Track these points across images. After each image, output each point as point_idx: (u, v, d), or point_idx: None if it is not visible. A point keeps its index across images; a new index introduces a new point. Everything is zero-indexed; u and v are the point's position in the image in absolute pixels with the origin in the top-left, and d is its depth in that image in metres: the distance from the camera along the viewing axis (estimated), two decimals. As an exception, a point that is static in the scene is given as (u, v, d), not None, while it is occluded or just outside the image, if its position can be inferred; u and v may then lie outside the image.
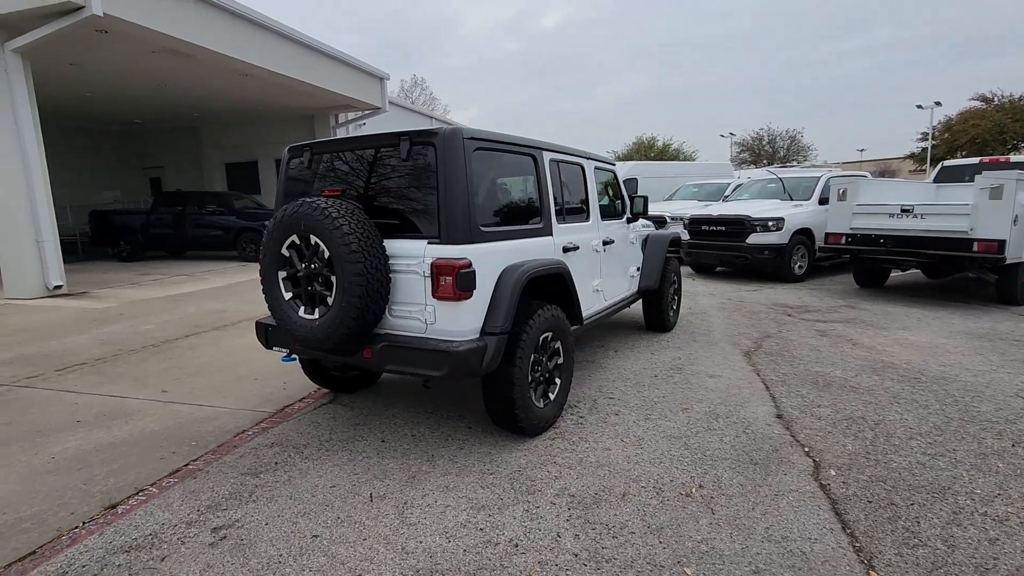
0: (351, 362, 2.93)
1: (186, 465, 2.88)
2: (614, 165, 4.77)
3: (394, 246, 2.75)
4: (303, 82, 12.59)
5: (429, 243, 2.69)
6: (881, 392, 3.74)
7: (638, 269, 5.04)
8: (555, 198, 3.49)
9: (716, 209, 9.23)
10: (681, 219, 9.90)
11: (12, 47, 8.02)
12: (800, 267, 8.62)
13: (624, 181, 12.71)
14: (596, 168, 4.27)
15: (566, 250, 3.54)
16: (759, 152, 45.21)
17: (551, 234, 3.39)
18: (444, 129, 2.71)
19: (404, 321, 2.79)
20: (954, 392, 3.70)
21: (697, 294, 7.73)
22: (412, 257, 2.70)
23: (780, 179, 9.60)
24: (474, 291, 2.66)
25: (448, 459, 2.88)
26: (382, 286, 2.68)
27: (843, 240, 7.11)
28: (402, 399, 3.76)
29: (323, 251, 2.66)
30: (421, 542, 2.19)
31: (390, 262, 2.74)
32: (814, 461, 2.80)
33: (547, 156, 3.47)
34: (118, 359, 4.81)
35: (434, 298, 2.67)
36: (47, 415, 3.60)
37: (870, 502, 2.40)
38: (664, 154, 42.04)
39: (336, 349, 2.77)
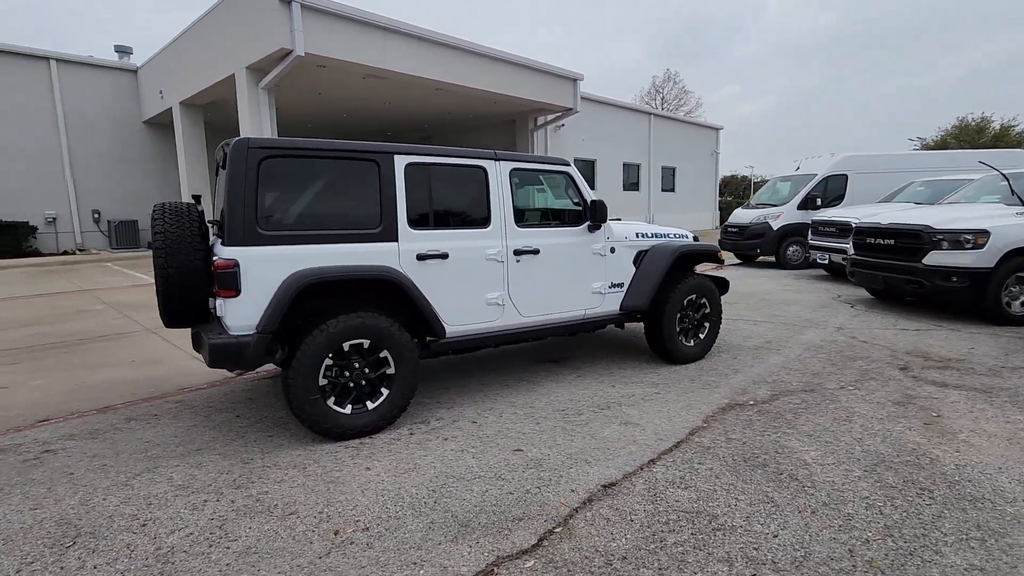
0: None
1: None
2: (566, 165, 4.18)
3: (219, 245, 3.12)
4: (488, 91, 13.74)
5: (221, 243, 2.99)
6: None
7: (618, 285, 4.32)
8: (408, 204, 3.36)
9: (888, 216, 6.90)
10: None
11: (262, 85, 10.90)
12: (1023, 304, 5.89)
13: (827, 179, 10.49)
14: (516, 171, 3.85)
15: (422, 258, 3.37)
16: None
17: (395, 240, 3.29)
18: (236, 139, 2.95)
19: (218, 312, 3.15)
20: None
21: (812, 324, 6.02)
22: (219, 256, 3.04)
23: (1005, 176, 6.59)
24: (240, 290, 2.86)
25: (240, 454, 3.16)
26: (188, 278, 3.08)
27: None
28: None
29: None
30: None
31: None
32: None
33: (401, 161, 3.35)
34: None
35: (215, 293, 2.96)
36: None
37: None
38: (1002, 139, 31.92)
39: (169, 324, 3.29)
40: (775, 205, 11.52)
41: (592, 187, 20.15)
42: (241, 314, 2.88)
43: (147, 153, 16.20)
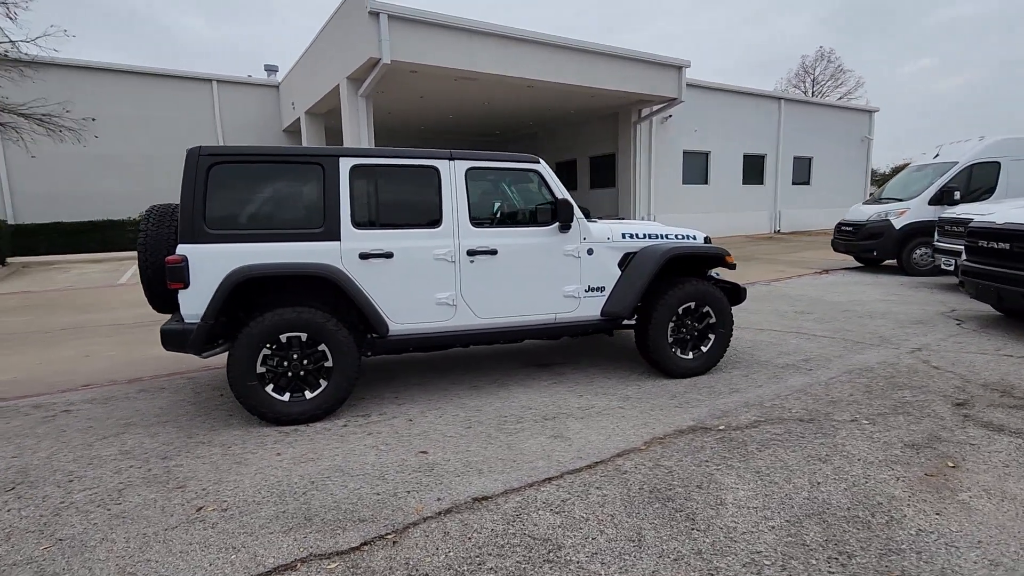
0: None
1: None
2: (534, 163, 3.95)
3: None
4: (580, 86, 13.50)
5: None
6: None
7: (597, 289, 4.04)
8: (353, 204, 3.47)
9: (1007, 214, 5.50)
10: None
11: (360, 93, 11.84)
12: None
13: (971, 168, 8.78)
14: (472, 170, 3.75)
15: (364, 256, 3.47)
16: None
17: (337, 239, 3.43)
18: (190, 148, 3.29)
19: (189, 301, 3.54)
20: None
21: (883, 343, 5.06)
22: None
23: None
24: (188, 283, 3.20)
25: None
26: (162, 271, 3.50)
27: None
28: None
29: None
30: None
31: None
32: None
33: (346, 163, 3.46)
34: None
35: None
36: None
37: None
38: None
39: (156, 308, 3.76)
40: (902, 200, 9.82)
41: (705, 180, 18.84)
42: (189, 304, 3.23)
43: (285, 158, 18.43)
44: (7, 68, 10.87)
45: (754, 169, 20.29)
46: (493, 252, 3.73)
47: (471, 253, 3.68)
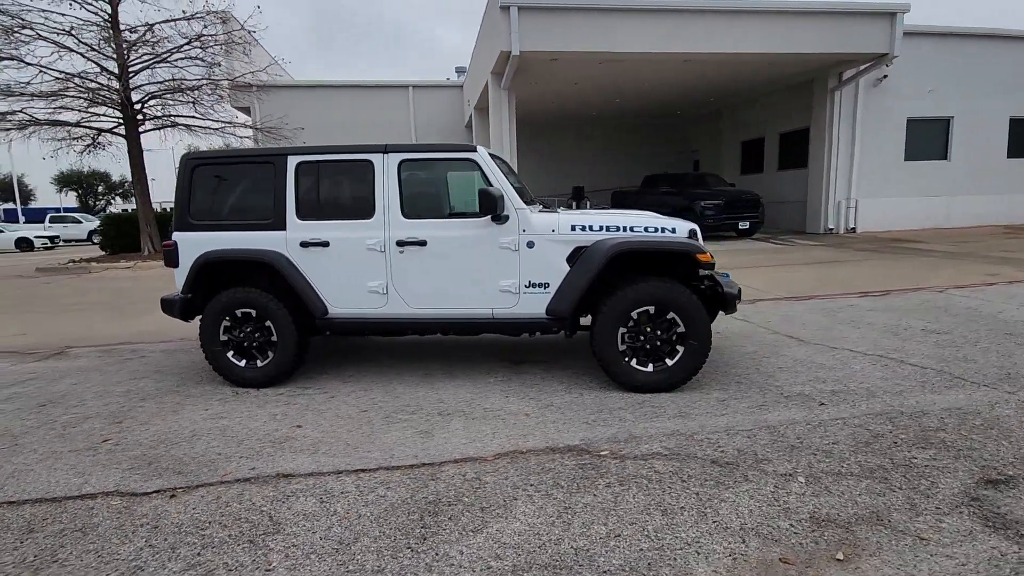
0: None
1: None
2: (471, 152, 3.68)
3: None
4: (748, 53, 11.87)
5: None
6: None
7: (540, 285, 3.71)
8: (297, 197, 3.82)
9: None
10: None
11: (503, 86, 12.36)
12: None
13: None
14: (406, 162, 3.73)
15: (304, 245, 3.82)
16: None
17: (283, 229, 3.84)
18: (184, 153, 4.02)
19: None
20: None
21: (995, 382, 3.54)
22: None
23: None
24: (178, 264, 3.97)
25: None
26: None
27: None
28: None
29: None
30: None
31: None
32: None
33: (293, 160, 3.81)
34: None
35: (177, 265, 4.15)
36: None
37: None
38: None
39: None
40: None
41: (943, 154, 14.87)
42: (179, 280, 4.01)
43: (466, 151, 20.15)
44: (248, 93, 14.18)
45: (1026, 136, 15.20)
46: (423, 243, 3.75)
47: (400, 244, 3.76)
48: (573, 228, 3.69)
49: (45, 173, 54.23)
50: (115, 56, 12.31)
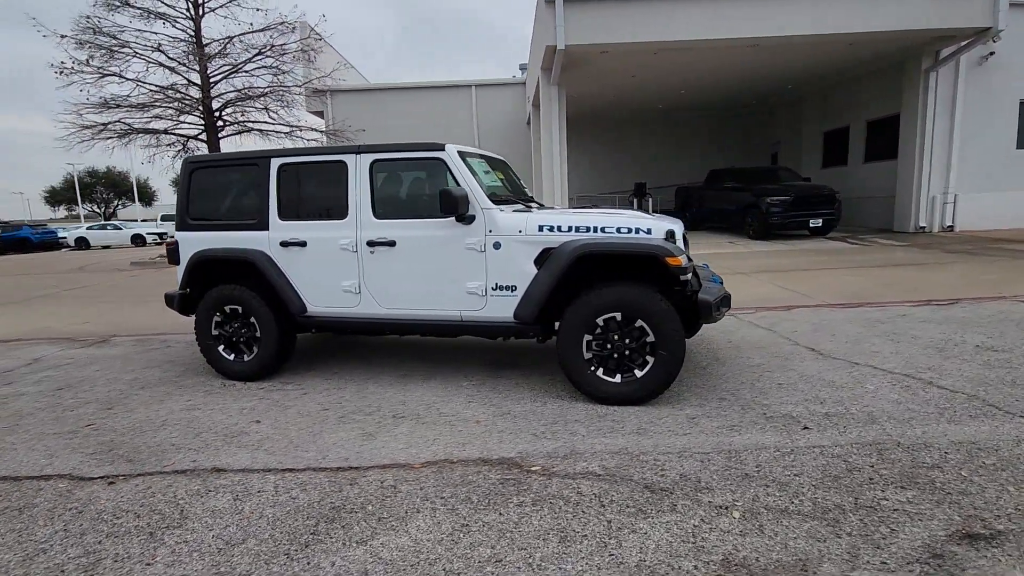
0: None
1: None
2: (438, 150, 3.56)
3: None
4: (824, 34, 10.87)
5: None
6: None
7: (507, 288, 3.56)
8: (279, 198, 3.92)
9: None
10: None
11: (552, 81, 12.15)
12: None
13: None
14: (378, 162, 3.69)
15: (284, 244, 3.92)
16: None
17: (267, 229, 3.97)
18: (185, 156, 4.26)
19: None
20: None
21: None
22: None
23: None
24: (180, 261, 4.22)
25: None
26: None
27: None
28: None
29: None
30: (120, 376, 4.43)
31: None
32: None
33: (275, 163, 3.91)
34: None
35: (180, 262, 4.41)
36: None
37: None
38: None
39: None
40: None
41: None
42: (179, 277, 4.27)
43: (527, 149, 20.07)
44: (321, 98, 14.96)
45: None
46: (392, 243, 3.73)
47: (371, 244, 3.77)
48: (541, 229, 3.51)
49: (166, 177, 60.52)
50: (198, 68, 13.42)
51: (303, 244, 3.91)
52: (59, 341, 5.80)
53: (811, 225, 12.55)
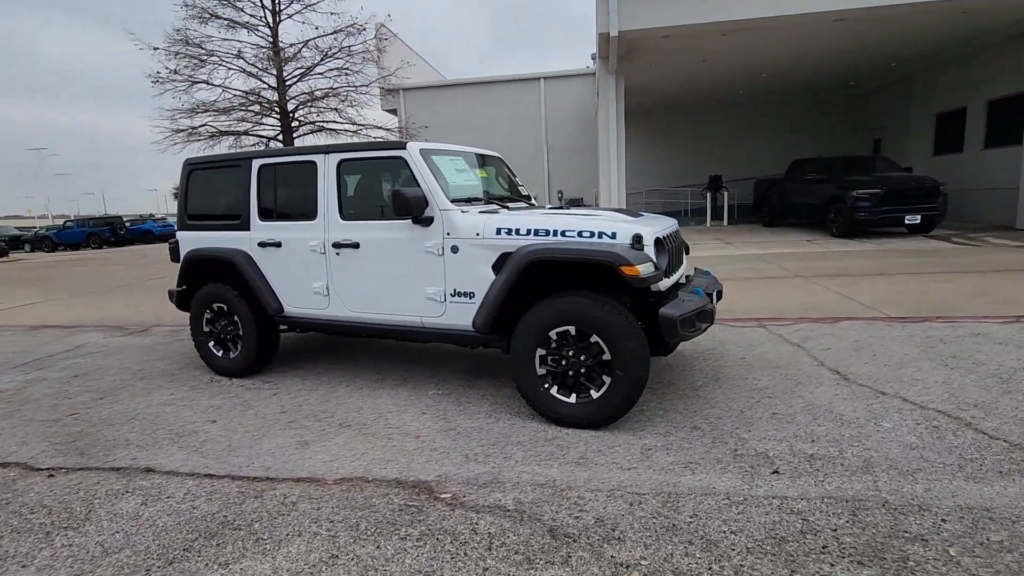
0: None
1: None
2: (399, 149, 3.34)
3: None
4: (923, 2, 9.46)
5: None
6: None
7: (466, 294, 3.32)
8: (259, 199, 3.95)
9: None
10: None
11: (610, 70, 11.61)
12: None
13: None
14: (344, 162, 3.56)
15: (263, 245, 3.94)
16: None
17: (248, 229, 4.01)
18: (186, 159, 4.41)
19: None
20: None
21: None
22: None
23: None
24: (180, 260, 4.40)
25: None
26: None
27: None
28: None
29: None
30: (134, 366, 4.73)
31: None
32: (47, 474, 2.83)
33: (256, 163, 3.92)
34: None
35: (179, 259, 4.59)
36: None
37: None
38: None
39: None
40: None
41: None
42: (177, 274, 4.46)
43: (595, 143, 19.46)
44: (393, 96, 15.41)
45: None
46: (356, 245, 3.63)
47: (336, 246, 3.69)
48: (499, 232, 3.23)
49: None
50: (275, 72, 14.26)
51: (279, 245, 3.92)
52: (109, 329, 6.34)
53: (907, 222, 11.01)
